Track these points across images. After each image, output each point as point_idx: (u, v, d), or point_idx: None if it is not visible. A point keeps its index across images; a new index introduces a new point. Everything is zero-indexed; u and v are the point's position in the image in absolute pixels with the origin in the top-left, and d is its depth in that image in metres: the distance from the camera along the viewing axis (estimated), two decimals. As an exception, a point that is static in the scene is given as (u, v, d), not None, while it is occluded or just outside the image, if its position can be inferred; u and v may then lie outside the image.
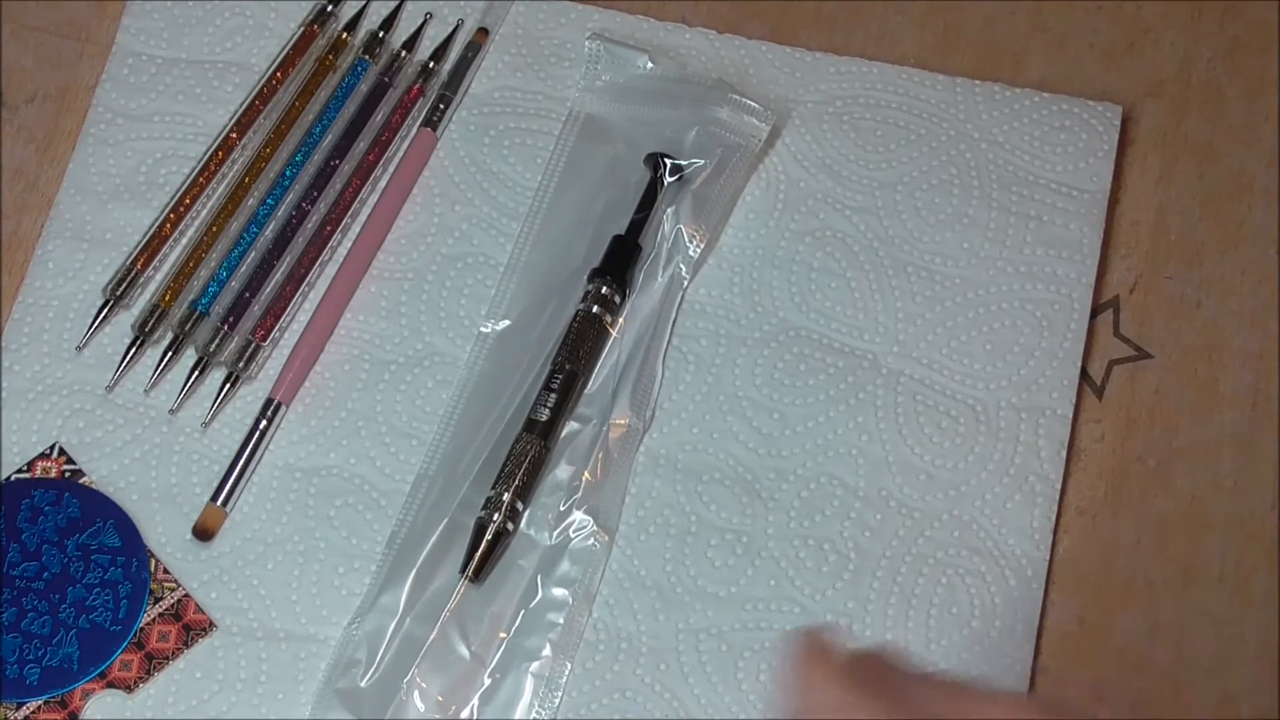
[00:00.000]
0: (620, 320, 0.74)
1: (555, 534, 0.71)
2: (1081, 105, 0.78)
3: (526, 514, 0.71)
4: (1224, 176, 0.77)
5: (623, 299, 0.74)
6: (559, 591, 0.70)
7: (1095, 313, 0.76)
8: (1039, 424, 0.74)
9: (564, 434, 0.73)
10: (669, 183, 0.76)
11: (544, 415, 0.72)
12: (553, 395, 0.72)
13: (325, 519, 0.72)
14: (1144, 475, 0.74)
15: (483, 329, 0.74)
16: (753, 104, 0.76)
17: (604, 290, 0.74)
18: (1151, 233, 0.77)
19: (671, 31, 0.80)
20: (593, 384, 0.73)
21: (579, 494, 0.72)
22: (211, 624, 0.71)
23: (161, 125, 0.78)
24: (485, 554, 0.70)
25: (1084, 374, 0.75)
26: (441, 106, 0.78)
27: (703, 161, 0.76)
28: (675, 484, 0.73)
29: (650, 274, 0.75)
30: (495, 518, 0.70)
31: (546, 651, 0.70)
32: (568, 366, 0.73)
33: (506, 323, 0.74)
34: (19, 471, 0.73)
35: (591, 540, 0.71)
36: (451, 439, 0.73)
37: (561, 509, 0.71)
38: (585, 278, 0.75)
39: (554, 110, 0.78)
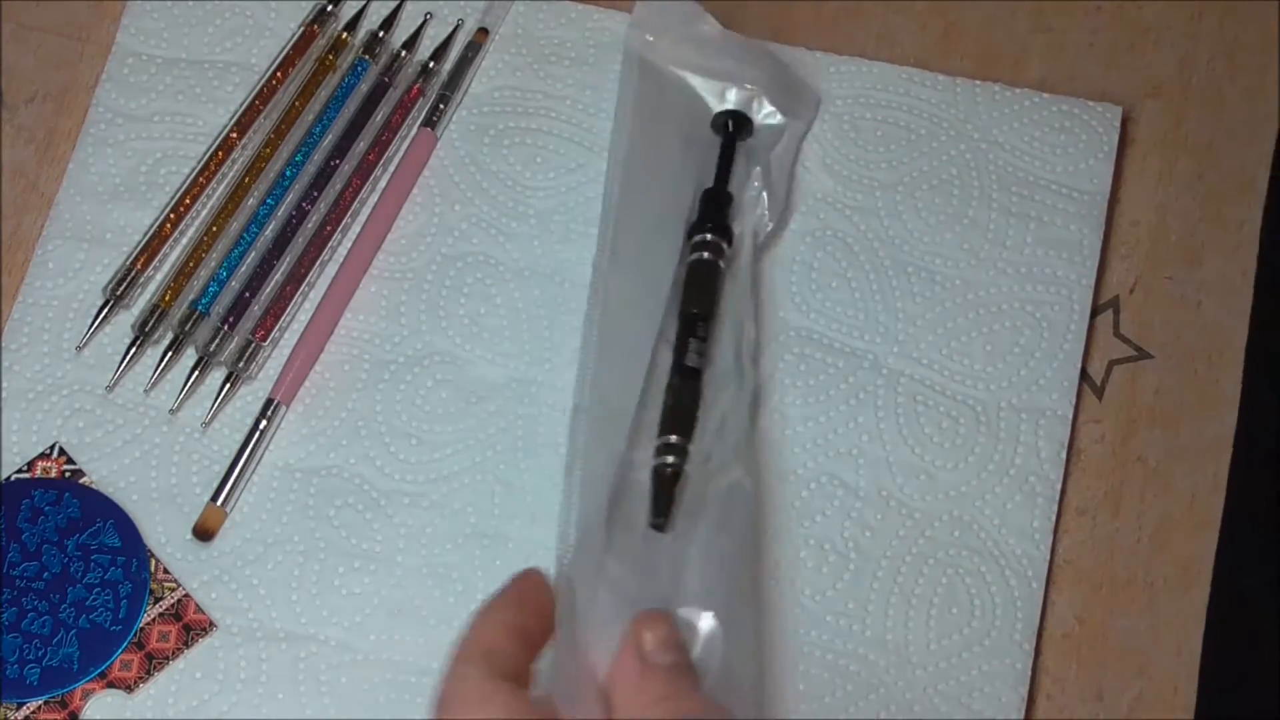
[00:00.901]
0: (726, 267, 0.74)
1: (711, 480, 0.70)
2: (1081, 106, 0.78)
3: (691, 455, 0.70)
4: (1224, 177, 0.77)
5: (729, 245, 0.74)
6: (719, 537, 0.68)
7: (1095, 313, 0.76)
8: (1039, 424, 0.74)
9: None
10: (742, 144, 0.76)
11: (695, 361, 0.71)
12: (700, 342, 0.71)
13: (325, 519, 0.72)
14: (1144, 475, 0.74)
15: (600, 266, 0.74)
16: (804, 80, 0.76)
17: (710, 237, 0.73)
18: (1151, 233, 0.77)
19: (671, 32, 0.80)
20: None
21: (726, 439, 0.70)
22: (211, 624, 0.71)
23: (161, 125, 0.78)
24: (670, 500, 0.68)
25: (1084, 374, 0.75)
26: (441, 106, 0.78)
27: (778, 120, 0.76)
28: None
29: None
30: (673, 461, 0.69)
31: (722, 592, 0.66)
32: (696, 311, 0.72)
33: (619, 275, 0.74)
34: (19, 471, 0.73)
35: (741, 482, 0.70)
36: (596, 375, 0.71)
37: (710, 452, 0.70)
38: (686, 229, 0.74)
39: (554, 110, 0.78)
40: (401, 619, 0.71)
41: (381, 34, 0.79)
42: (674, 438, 0.69)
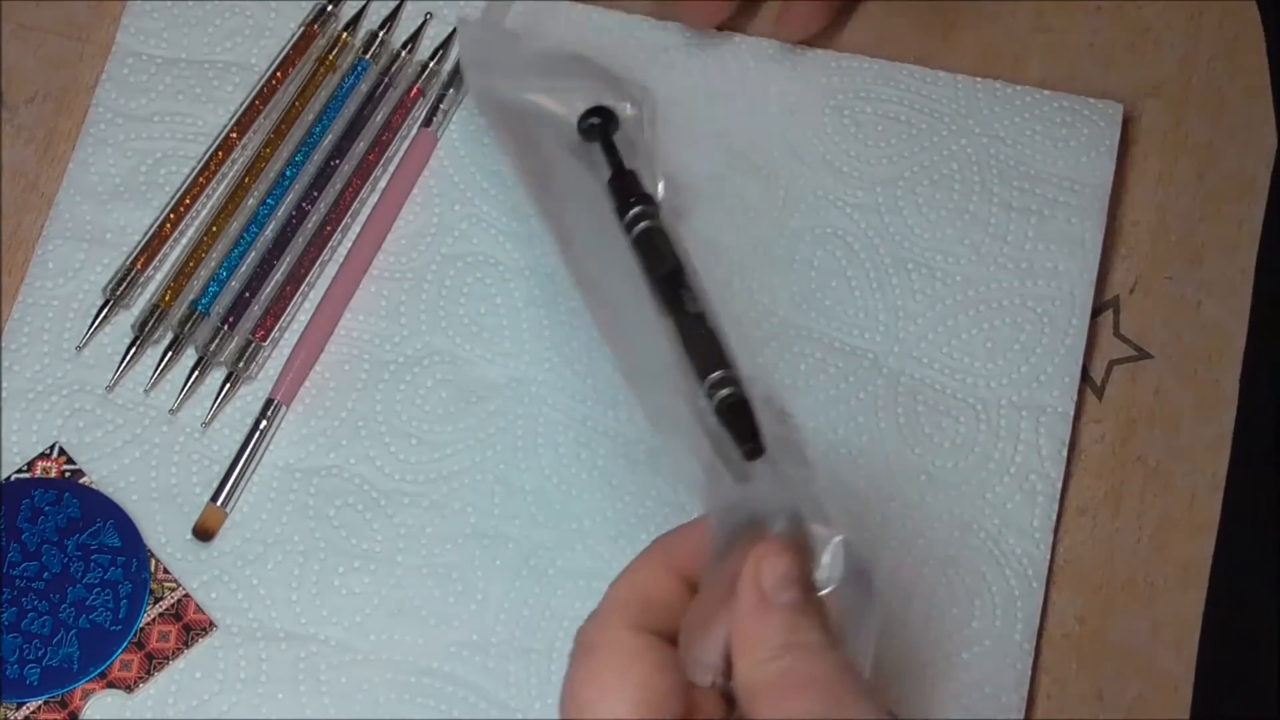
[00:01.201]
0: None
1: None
2: (1083, 102, 0.78)
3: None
4: (1224, 177, 0.77)
5: (656, 210, 0.72)
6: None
7: (1096, 313, 0.76)
8: (1039, 423, 0.74)
9: None
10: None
11: (694, 307, 0.68)
12: (689, 290, 0.69)
13: (325, 519, 0.72)
14: (1144, 475, 0.74)
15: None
16: (627, 75, 0.76)
17: (639, 208, 0.71)
18: (1151, 233, 0.77)
19: (671, 31, 0.79)
20: None
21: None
22: (211, 624, 0.71)
23: (161, 125, 0.78)
24: (753, 423, 0.64)
25: (1084, 374, 0.75)
26: (441, 106, 0.78)
27: (629, 111, 0.75)
28: (675, 484, 0.73)
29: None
30: (729, 392, 0.65)
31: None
32: (669, 270, 0.70)
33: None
34: (19, 471, 0.73)
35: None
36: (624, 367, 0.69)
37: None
38: (616, 223, 0.72)
39: (554, 109, 0.78)
40: (401, 619, 0.71)
41: (381, 34, 0.79)
42: (717, 373, 0.67)
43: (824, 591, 0.56)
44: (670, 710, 0.54)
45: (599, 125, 0.75)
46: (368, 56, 0.79)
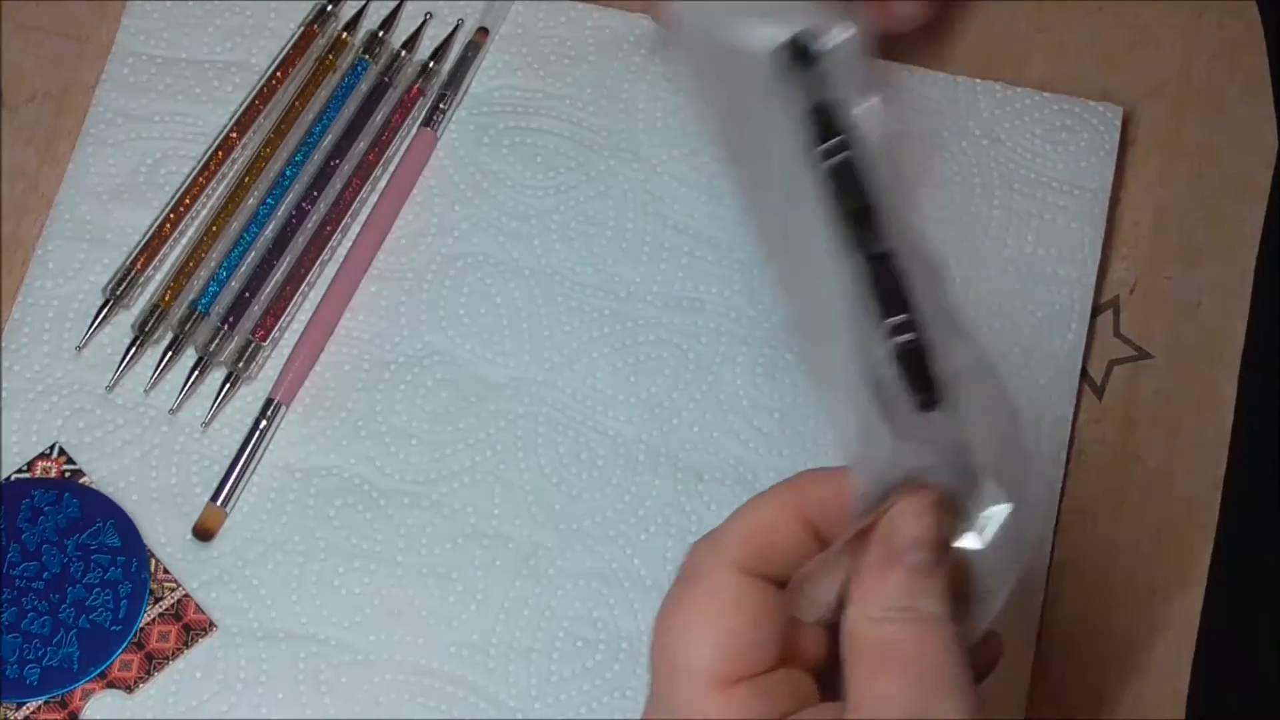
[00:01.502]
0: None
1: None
2: (1083, 105, 0.78)
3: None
4: (1224, 177, 0.77)
5: (850, 145, 0.69)
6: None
7: (1095, 313, 0.76)
8: (1039, 425, 0.74)
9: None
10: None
11: (880, 247, 0.65)
12: (874, 230, 0.65)
13: (325, 519, 0.72)
14: (1144, 475, 0.74)
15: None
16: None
17: (832, 142, 0.68)
18: (1151, 233, 0.77)
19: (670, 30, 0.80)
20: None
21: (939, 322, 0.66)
22: (211, 624, 0.71)
23: (161, 125, 0.78)
24: (928, 374, 0.61)
25: (1084, 374, 0.75)
26: (441, 106, 0.78)
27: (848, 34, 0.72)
28: (675, 484, 0.73)
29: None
30: (908, 338, 0.61)
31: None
32: (857, 207, 0.68)
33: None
34: (19, 471, 0.73)
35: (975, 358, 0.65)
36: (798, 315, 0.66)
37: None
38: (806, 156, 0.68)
39: (554, 110, 0.78)
40: (401, 619, 0.71)
41: (381, 34, 0.79)
42: (898, 318, 0.63)
43: (971, 546, 0.55)
44: (754, 663, 0.53)
45: (797, 54, 0.72)
46: (368, 56, 0.79)
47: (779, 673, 0.54)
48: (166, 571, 0.71)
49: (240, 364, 0.74)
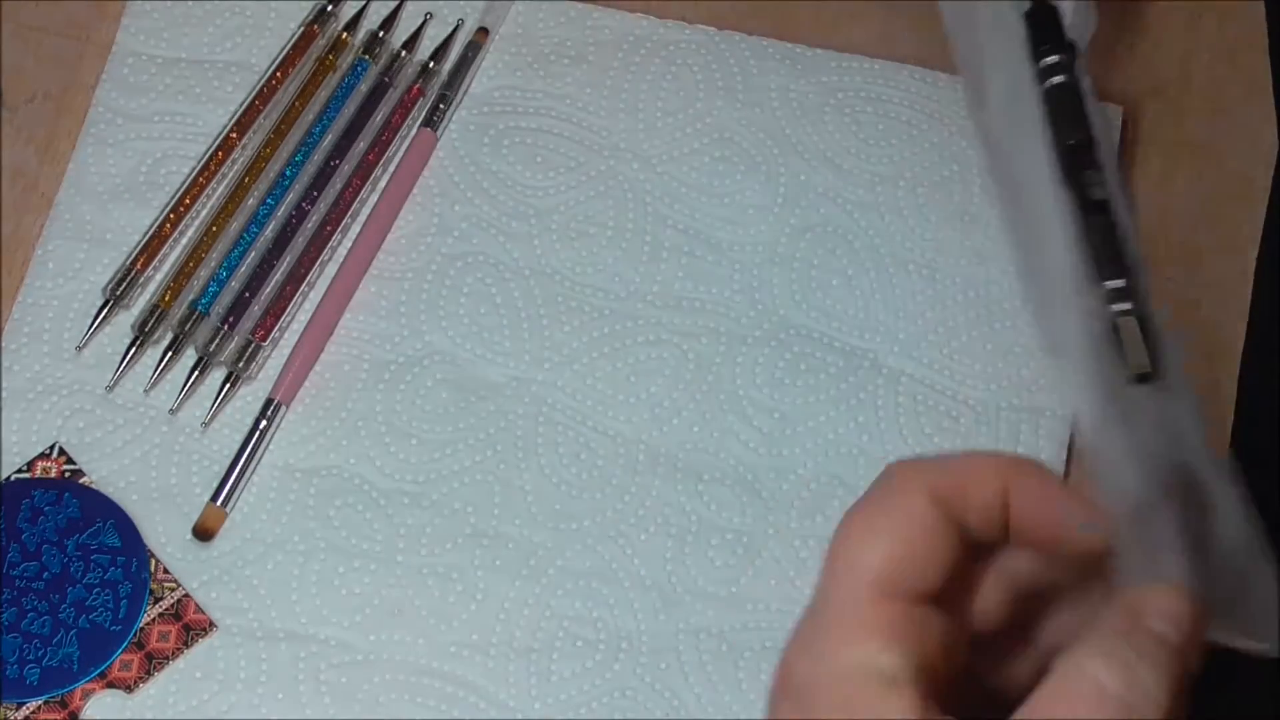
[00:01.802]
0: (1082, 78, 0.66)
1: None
2: (1082, 105, 0.78)
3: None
4: (1224, 177, 0.77)
5: (1073, 57, 0.62)
6: None
7: (1096, 313, 0.76)
8: (1039, 425, 0.74)
9: None
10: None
11: (1099, 193, 0.62)
12: (1096, 171, 0.59)
13: (325, 519, 0.72)
14: (1144, 475, 0.73)
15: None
16: None
17: (1056, 57, 0.64)
18: (1152, 234, 0.77)
19: (671, 29, 0.80)
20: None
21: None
22: (211, 624, 0.71)
23: (161, 125, 0.78)
24: (1148, 345, 0.58)
25: (1084, 374, 0.75)
26: (441, 106, 0.78)
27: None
28: (675, 484, 0.73)
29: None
30: (1128, 307, 0.57)
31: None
32: (1075, 142, 0.63)
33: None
34: (19, 471, 0.73)
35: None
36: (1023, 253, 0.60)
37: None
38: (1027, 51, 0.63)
39: (554, 110, 0.78)
40: (401, 619, 0.71)
41: (381, 34, 0.79)
42: (1118, 281, 0.58)
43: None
44: (918, 585, 0.51)
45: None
46: (368, 56, 0.79)
47: (938, 615, 0.52)
48: (166, 571, 0.71)
49: (240, 364, 0.74)
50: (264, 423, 0.73)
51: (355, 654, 0.71)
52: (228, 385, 0.74)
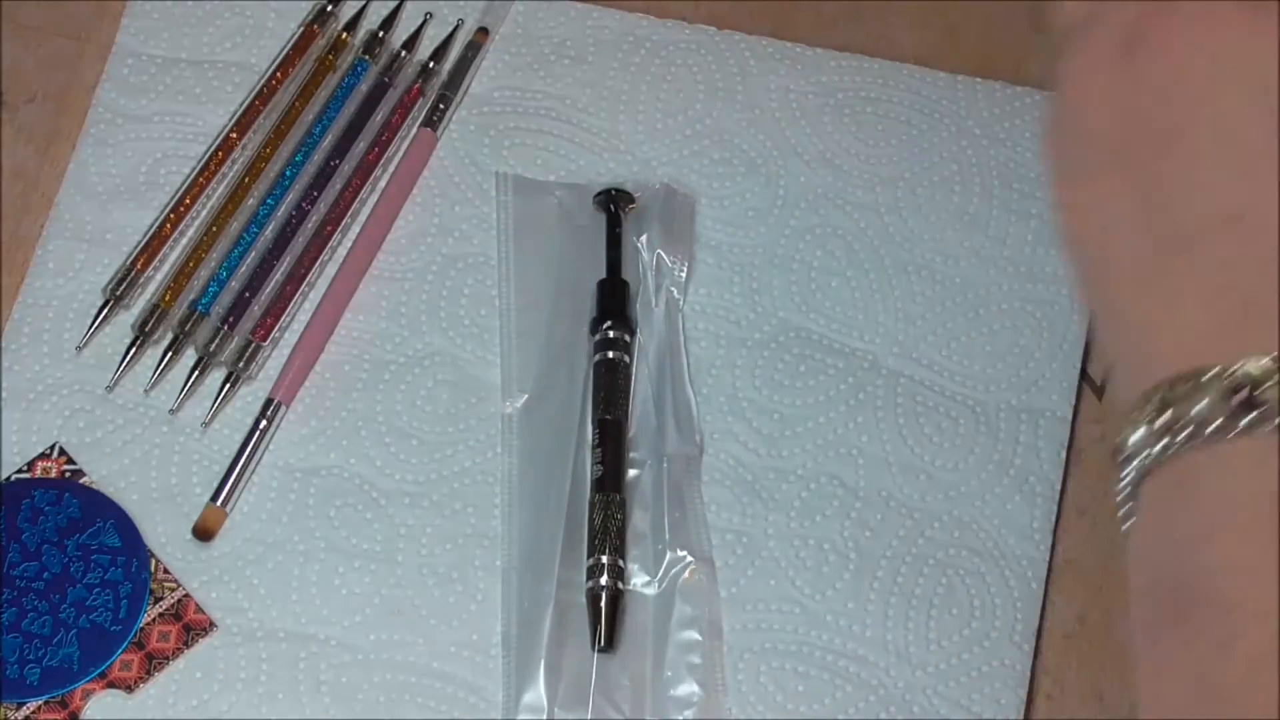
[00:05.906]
0: (635, 357, 0.74)
1: (659, 581, 0.71)
2: (1082, 105, 0.78)
3: (627, 570, 0.71)
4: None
5: (631, 336, 0.74)
6: (686, 634, 0.70)
7: (1096, 313, 0.76)
8: (1039, 425, 0.74)
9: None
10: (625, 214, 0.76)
11: (601, 472, 0.71)
12: (604, 450, 0.71)
13: (325, 519, 0.72)
14: (1144, 475, 0.73)
15: (505, 410, 0.73)
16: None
17: (612, 334, 0.73)
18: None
19: (671, 29, 0.80)
20: (633, 427, 0.73)
21: (666, 534, 0.71)
22: (211, 624, 0.71)
23: (161, 125, 0.78)
24: (611, 621, 0.69)
25: (1084, 374, 0.75)
26: (441, 106, 0.78)
27: (657, 186, 0.76)
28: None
29: (645, 304, 0.75)
30: (606, 582, 0.69)
31: (697, 691, 0.69)
32: (608, 417, 0.72)
33: (525, 396, 0.73)
34: (19, 471, 0.73)
35: (696, 575, 0.71)
36: (520, 528, 0.71)
37: (655, 554, 0.71)
38: (587, 329, 0.74)
39: (554, 110, 0.78)
40: (401, 619, 0.71)
41: (381, 34, 0.79)
42: (604, 557, 0.70)
43: None
44: None
45: (609, 207, 0.75)
46: (368, 57, 0.79)
47: None
48: (166, 571, 0.71)
49: (240, 364, 0.74)
50: (264, 423, 0.73)
51: (355, 654, 0.71)
52: (228, 385, 0.74)
